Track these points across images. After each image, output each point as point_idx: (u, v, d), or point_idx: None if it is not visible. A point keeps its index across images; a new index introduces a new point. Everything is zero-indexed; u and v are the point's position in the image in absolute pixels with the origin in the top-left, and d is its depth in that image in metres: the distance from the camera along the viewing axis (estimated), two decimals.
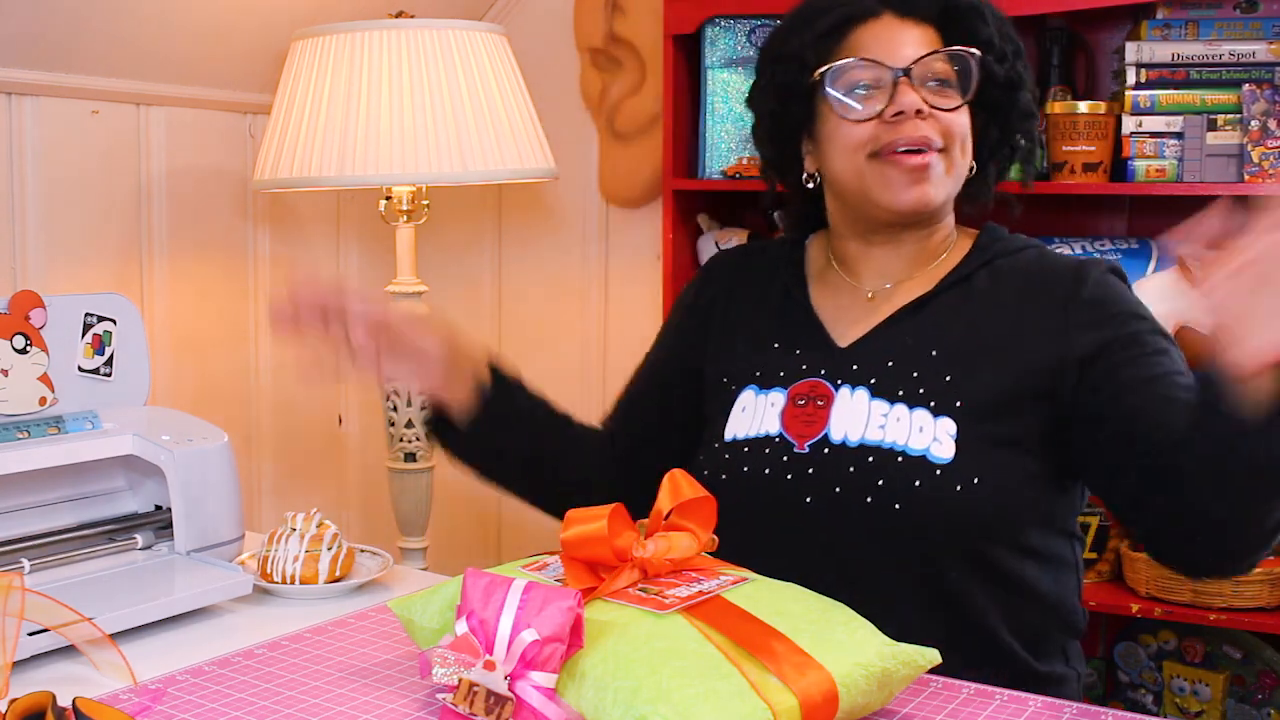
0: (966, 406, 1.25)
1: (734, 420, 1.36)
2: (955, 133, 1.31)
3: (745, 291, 1.46)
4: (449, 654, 0.98)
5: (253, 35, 2.32)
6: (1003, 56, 1.34)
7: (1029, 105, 1.37)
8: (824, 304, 1.40)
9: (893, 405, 1.28)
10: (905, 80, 1.29)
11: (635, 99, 2.66)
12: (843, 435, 1.28)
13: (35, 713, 0.94)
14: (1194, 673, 2.21)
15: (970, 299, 1.33)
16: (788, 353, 1.37)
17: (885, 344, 1.32)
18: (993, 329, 1.30)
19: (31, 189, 2.09)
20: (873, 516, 1.24)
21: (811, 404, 1.31)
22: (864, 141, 1.31)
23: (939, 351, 1.29)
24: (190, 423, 1.45)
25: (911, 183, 1.30)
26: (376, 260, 2.76)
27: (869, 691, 1.00)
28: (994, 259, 1.35)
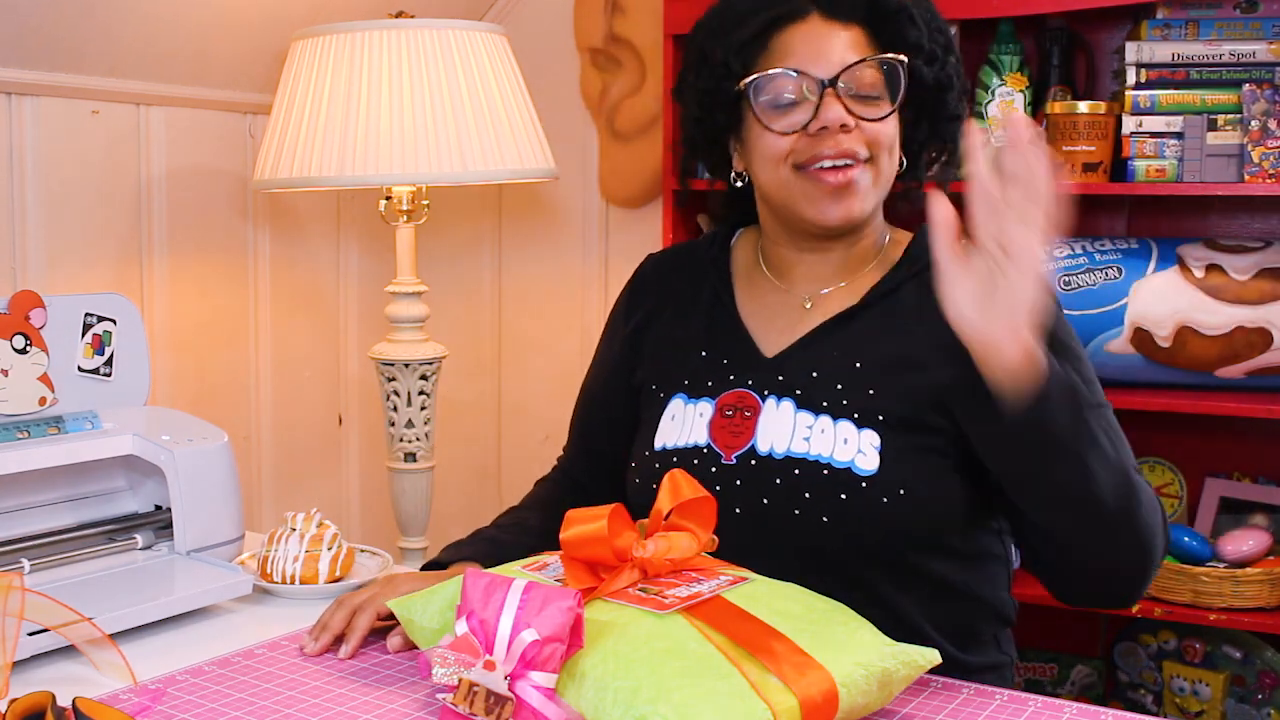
0: (889, 419, 1.26)
1: (663, 428, 1.36)
2: (882, 142, 1.29)
3: (674, 295, 1.45)
4: (449, 654, 0.98)
5: (253, 35, 2.32)
6: (932, 58, 1.32)
7: (957, 107, 1.36)
8: (751, 310, 1.40)
9: (818, 417, 1.28)
10: (831, 92, 1.27)
11: (635, 99, 2.66)
12: (769, 447, 1.28)
13: (35, 713, 0.94)
14: (1194, 673, 2.21)
15: (896, 313, 1.33)
16: (715, 361, 1.37)
17: (811, 355, 1.32)
18: (914, 344, 1.29)
19: (31, 189, 2.09)
20: (800, 529, 1.25)
21: (739, 415, 1.32)
22: (787, 153, 1.30)
23: (863, 364, 1.30)
24: (190, 423, 1.45)
25: (836, 198, 1.29)
26: (376, 260, 2.76)
27: (869, 691, 1.01)
28: (923, 270, 1.32)
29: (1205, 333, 2.07)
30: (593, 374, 1.55)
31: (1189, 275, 2.08)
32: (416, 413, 2.29)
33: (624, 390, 1.47)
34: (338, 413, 2.77)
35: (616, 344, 1.49)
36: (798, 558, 1.24)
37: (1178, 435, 2.29)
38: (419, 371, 2.28)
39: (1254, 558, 2.08)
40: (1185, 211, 2.30)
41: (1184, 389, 2.12)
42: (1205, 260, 2.08)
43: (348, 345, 2.76)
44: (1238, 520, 2.21)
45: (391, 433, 2.32)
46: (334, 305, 2.73)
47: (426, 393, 2.30)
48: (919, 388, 1.26)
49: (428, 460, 2.34)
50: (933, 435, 1.26)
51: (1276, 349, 2.06)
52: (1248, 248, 2.09)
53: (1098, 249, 2.14)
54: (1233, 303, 2.06)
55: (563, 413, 2.95)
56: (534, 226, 2.87)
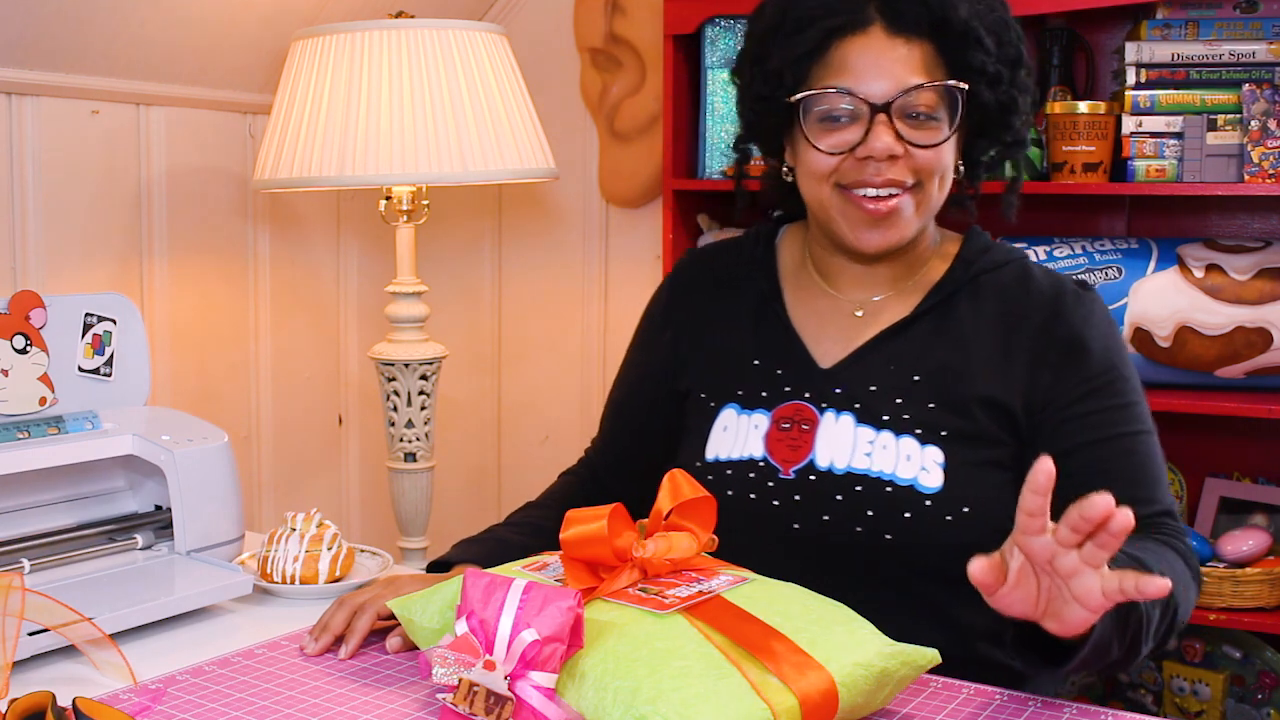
0: (951, 434, 1.24)
1: (715, 439, 1.33)
2: (933, 169, 1.26)
3: (716, 297, 1.42)
4: (449, 654, 0.98)
5: (253, 35, 2.32)
6: (997, 80, 1.27)
7: (1021, 133, 1.32)
8: (802, 316, 1.36)
9: (879, 432, 1.26)
10: (883, 118, 1.23)
11: (635, 99, 2.66)
12: (829, 462, 1.26)
13: (35, 713, 0.94)
14: (1194, 673, 2.21)
15: (951, 321, 1.30)
16: (769, 372, 1.34)
17: (868, 368, 1.30)
18: (972, 355, 1.28)
19: (31, 189, 2.09)
20: (862, 546, 1.23)
21: (796, 428, 1.29)
22: (830, 172, 1.27)
23: (921, 378, 1.28)
24: (190, 423, 1.45)
25: (875, 225, 1.27)
26: (376, 260, 2.76)
27: (869, 691, 1.01)
28: (977, 275, 1.32)
29: (1205, 333, 2.07)
30: (627, 376, 1.51)
31: (1189, 275, 2.08)
32: (416, 413, 2.29)
33: (663, 397, 1.43)
34: (338, 413, 2.77)
35: (656, 348, 1.45)
36: (858, 575, 1.22)
37: (1177, 435, 2.29)
38: (419, 371, 2.28)
39: (1254, 558, 2.08)
40: (1185, 211, 2.30)
41: (1184, 389, 2.12)
42: (1205, 260, 2.08)
43: (348, 345, 2.77)
44: (1237, 520, 2.21)
45: (391, 433, 2.32)
46: (334, 305, 2.73)
47: (426, 393, 2.30)
48: (977, 399, 1.25)
49: (428, 460, 2.34)
50: (994, 448, 1.24)
51: (1276, 349, 2.05)
52: (1247, 248, 2.09)
53: (1097, 249, 2.14)
54: (1232, 303, 2.06)
55: (563, 413, 2.97)
56: (534, 226, 2.87)
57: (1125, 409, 1.26)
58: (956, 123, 1.25)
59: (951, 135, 1.25)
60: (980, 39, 1.25)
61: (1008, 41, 1.29)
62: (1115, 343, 1.30)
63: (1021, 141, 1.33)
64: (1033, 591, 0.99)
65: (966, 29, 1.25)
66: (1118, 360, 1.28)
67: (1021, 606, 1.00)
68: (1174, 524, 1.24)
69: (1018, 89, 1.30)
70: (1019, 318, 1.29)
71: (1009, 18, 1.30)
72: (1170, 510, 1.25)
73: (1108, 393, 1.26)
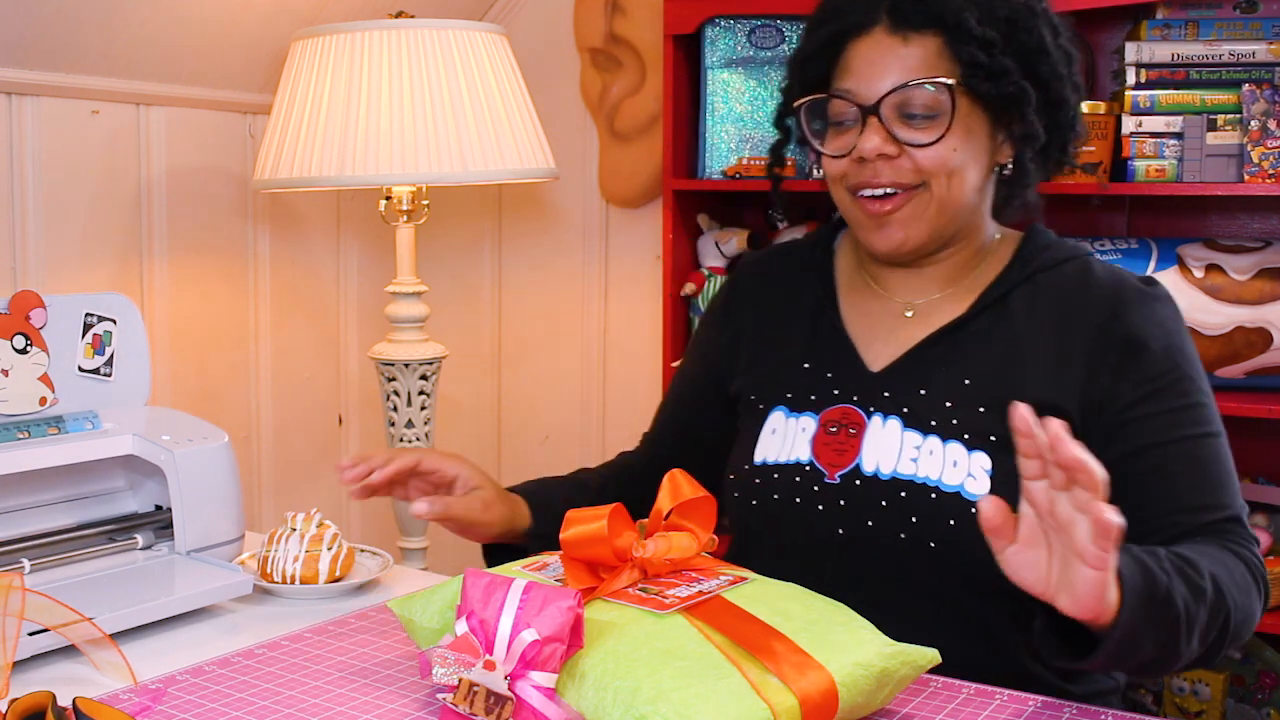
0: (1000, 440, 1.21)
1: (764, 442, 1.32)
2: (935, 168, 1.24)
3: (774, 300, 1.41)
4: (449, 654, 0.98)
5: (253, 35, 2.32)
6: (1000, 73, 1.23)
7: (1032, 127, 1.26)
8: (855, 319, 1.35)
9: (926, 437, 1.24)
10: (874, 120, 1.23)
11: (635, 99, 2.66)
12: (875, 467, 1.25)
13: (35, 713, 0.94)
14: (1194, 672, 2.21)
15: (1006, 320, 1.27)
16: (818, 374, 1.32)
17: (918, 371, 1.28)
18: (1027, 356, 1.25)
19: (31, 189, 2.09)
20: (906, 553, 1.21)
21: (843, 431, 1.28)
22: (841, 175, 1.27)
23: (972, 381, 1.25)
24: (190, 423, 1.45)
25: (879, 227, 1.26)
26: (376, 260, 2.76)
27: (869, 691, 1.00)
28: (1035, 273, 1.29)
29: (1205, 333, 2.07)
30: (682, 376, 1.50)
31: (1189, 275, 2.08)
32: (416, 413, 2.29)
33: (715, 399, 1.42)
34: (338, 413, 2.77)
35: (711, 350, 1.45)
36: (901, 583, 1.21)
37: None
38: (419, 371, 2.28)
39: None
40: (1185, 211, 2.30)
41: None
42: (1205, 260, 2.08)
43: (348, 345, 2.77)
44: None
45: (391, 433, 2.32)
46: (334, 305, 2.73)
47: (426, 393, 2.30)
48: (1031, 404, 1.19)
49: None
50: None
51: (1276, 349, 2.05)
52: (1247, 248, 2.09)
53: (1097, 249, 2.14)
54: (1232, 303, 2.06)
55: (563, 413, 2.97)
56: (534, 226, 2.87)
57: (1189, 410, 1.22)
58: (949, 123, 1.23)
59: (946, 133, 1.23)
60: (971, 29, 1.22)
61: (1023, 31, 1.24)
62: (1179, 341, 1.25)
63: (1032, 135, 1.27)
64: (1043, 557, 0.97)
65: (959, 19, 1.22)
66: (1181, 360, 1.24)
67: (1032, 572, 0.98)
68: (1241, 530, 1.20)
69: (1036, 82, 1.25)
70: (1077, 317, 1.25)
71: (1036, 6, 1.26)
72: (1238, 516, 1.21)
73: (1171, 393, 1.22)
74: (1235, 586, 1.13)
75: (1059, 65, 1.27)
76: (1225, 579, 1.12)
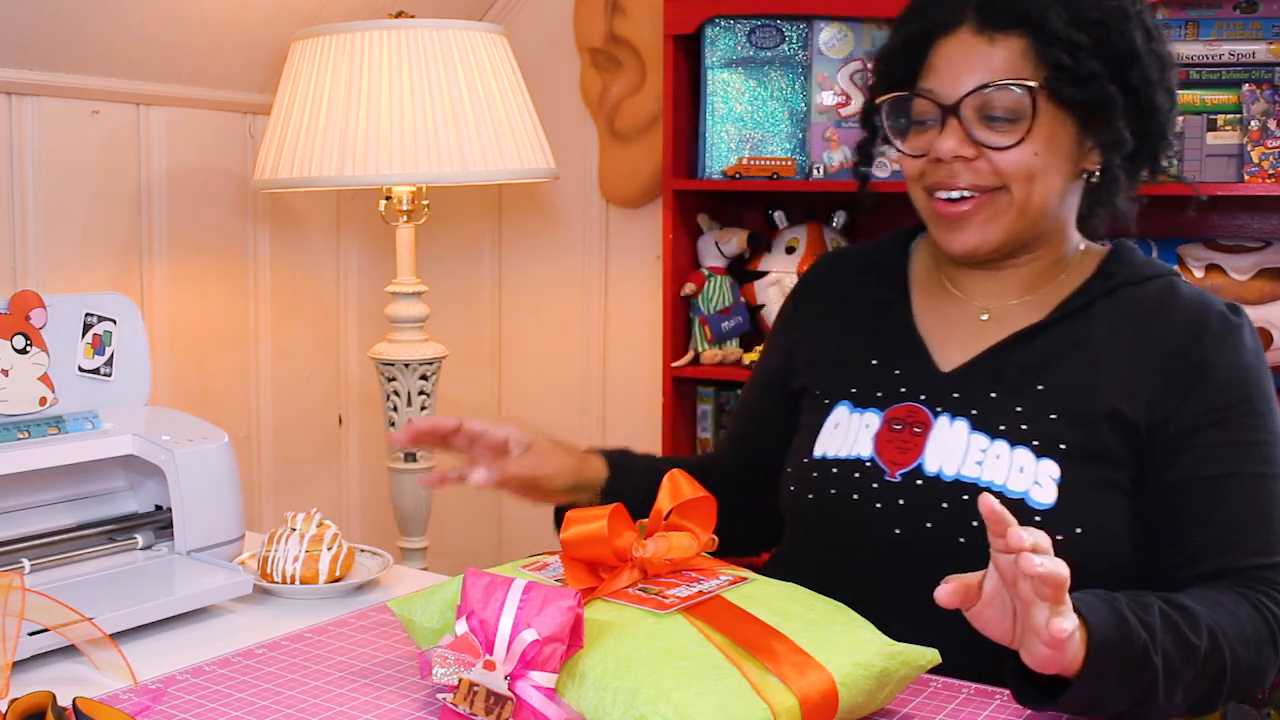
0: (1070, 448, 1.18)
1: (824, 437, 1.30)
2: (1014, 172, 1.21)
3: (841, 299, 1.39)
4: (449, 654, 0.98)
5: (253, 35, 2.32)
6: (1087, 77, 1.19)
7: (1119, 134, 1.22)
8: (928, 320, 1.33)
9: (993, 440, 1.21)
10: (954, 120, 1.21)
11: (635, 99, 2.65)
12: (938, 467, 1.22)
13: (35, 713, 0.94)
14: None
15: (1085, 331, 1.25)
16: (886, 371, 1.30)
17: (990, 373, 1.25)
18: (1104, 368, 1.22)
19: (31, 189, 2.09)
20: (964, 557, 1.15)
21: (908, 430, 1.25)
22: (919, 174, 1.26)
23: (1046, 387, 1.22)
24: (190, 423, 1.45)
25: (953, 228, 1.24)
26: (376, 260, 2.76)
27: (869, 691, 1.01)
28: (1118, 287, 1.26)
29: None
30: (754, 379, 1.49)
31: (1189, 275, 2.08)
32: (416, 413, 2.29)
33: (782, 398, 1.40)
34: (338, 413, 2.77)
35: (779, 349, 1.43)
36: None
37: None
38: (419, 371, 2.28)
39: None
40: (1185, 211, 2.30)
41: None
42: (1205, 260, 2.08)
43: (348, 345, 2.76)
44: None
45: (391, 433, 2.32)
46: (334, 305, 2.73)
47: (426, 393, 2.30)
48: (1104, 413, 1.19)
49: (428, 460, 2.34)
50: (1114, 469, 1.19)
51: (1277, 349, 2.05)
52: (1248, 248, 2.09)
53: None
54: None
55: (562, 413, 2.97)
56: (534, 226, 2.87)
57: (1252, 446, 1.19)
58: (1029, 126, 1.20)
59: (1026, 136, 1.20)
60: (1058, 31, 1.19)
61: (1115, 34, 1.21)
62: (1256, 376, 1.22)
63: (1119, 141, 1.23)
64: (1008, 612, 0.97)
65: (1044, 20, 1.19)
66: (1255, 393, 1.21)
67: (997, 627, 0.98)
68: (1274, 577, 1.16)
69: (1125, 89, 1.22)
70: (1157, 334, 1.23)
71: (1130, 8, 1.23)
72: (1276, 563, 1.16)
73: (1235, 426, 1.19)
74: (1241, 641, 1.10)
75: (1151, 71, 1.23)
76: (1230, 634, 1.09)
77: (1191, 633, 1.06)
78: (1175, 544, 1.18)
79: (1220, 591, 1.14)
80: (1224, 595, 1.13)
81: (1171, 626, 1.05)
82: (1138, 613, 1.03)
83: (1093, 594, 1.02)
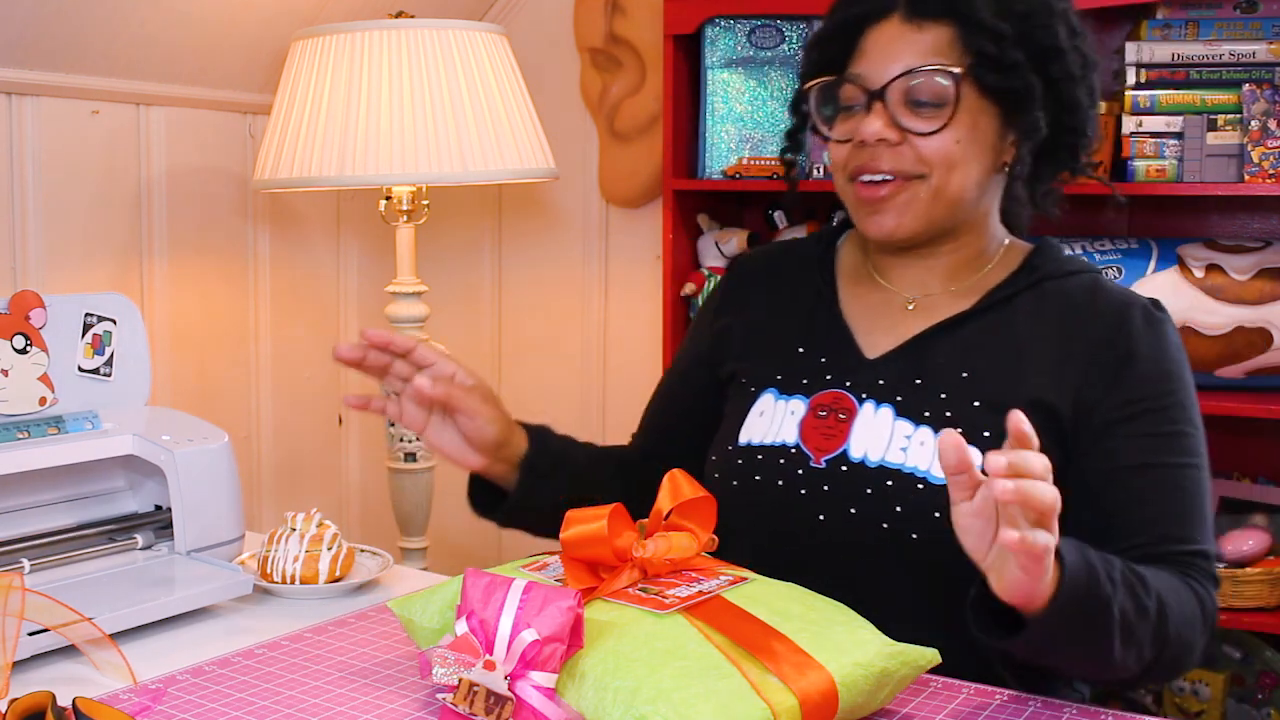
0: (994, 437, 1.19)
1: (750, 424, 1.31)
2: (936, 158, 1.22)
3: (771, 291, 1.40)
4: (449, 654, 0.98)
5: (253, 35, 2.32)
6: (1008, 65, 1.21)
7: (1035, 122, 1.24)
8: (854, 308, 1.34)
9: (917, 427, 1.22)
10: (879, 104, 1.22)
11: (635, 99, 2.66)
12: (862, 453, 1.23)
13: (35, 713, 0.94)
14: (1193, 672, 2.21)
15: (1009, 321, 1.27)
16: (812, 359, 1.31)
17: (915, 360, 1.26)
18: (1028, 358, 1.24)
19: (31, 189, 2.09)
20: (888, 542, 1.20)
21: (833, 416, 1.26)
22: (846, 160, 1.27)
23: (970, 375, 1.24)
24: (190, 423, 1.45)
25: (875, 211, 1.25)
26: (376, 260, 2.76)
27: (869, 691, 1.01)
28: (1042, 280, 1.28)
29: (1205, 333, 2.07)
30: (675, 365, 1.49)
31: (1189, 275, 2.08)
32: None
33: (707, 384, 1.41)
34: (338, 413, 2.77)
35: (704, 337, 1.44)
36: (879, 572, 1.20)
37: None
38: None
39: (1254, 558, 2.08)
40: (1185, 211, 2.30)
41: None
42: (1205, 260, 2.08)
43: None
44: (1238, 520, 2.20)
45: (391, 433, 2.32)
46: (334, 305, 2.73)
47: None
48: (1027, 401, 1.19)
49: (428, 460, 2.34)
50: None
51: (1276, 349, 2.06)
52: (1248, 248, 2.09)
53: (1098, 249, 2.15)
54: (1233, 303, 2.06)
55: (563, 413, 2.97)
56: (534, 226, 2.87)
57: (1175, 437, 1.21)
58: (955, 110, 1.21)
59: (949, 122, 1.21)
60: (983, 19, 1.21)
61: (1039, 28, 1.23)
62: (1178, 369, 1.24)
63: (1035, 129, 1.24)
64: (989, 530, 0.97)
65: (973, 12, 1.22)
66: (1178, 386, 1.23)
67: (975, 540, 0.98)
68: (1204, 566, 1.18)
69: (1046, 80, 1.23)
70: (1081, 326, 1.25)
71: (1055, 5, 1.25)
72: (1205, 553, 1.19)
73: (1159, 417, 1.21)
74: (1181, 617, 1.12)
75: (1073, 66, 1.25)
76: (1173, 606, 1.11)
77: (1145, 595, 1.08)
78: (1100, 533, 1.19)
79: (1163, 570, 1.15)
80: (1165, 573, 1.15)
81: (1130, 586, 1.07)
82: (1103, 564, 1.04)
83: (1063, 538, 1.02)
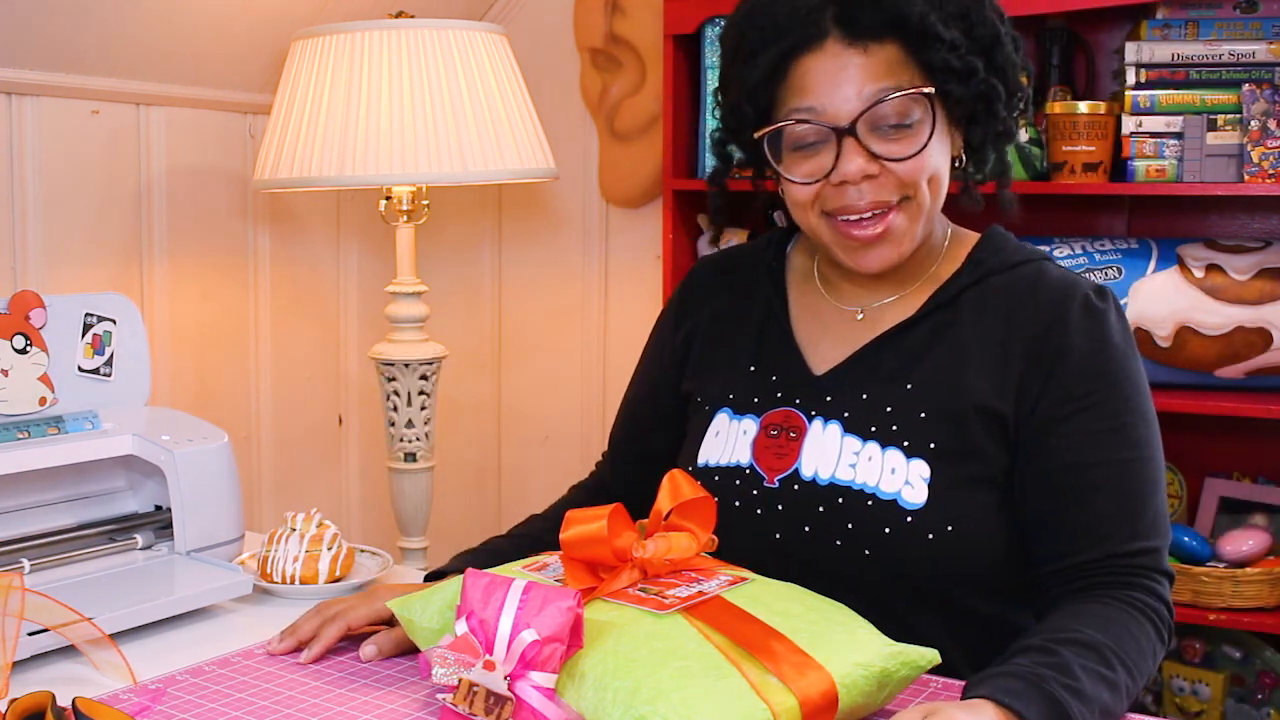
0: (940, 447, 1.19)
1: (707, 444, 1.31)
2: (918, 180, 1.19)
3: (725, 302, 1.38)
4: (449, 654, 0.98)
5: (253, 35, 2.32)
6: (969, 73, 1.19)
7: (1007, 124, 1.24)
8: (804, 322, 1.32)
9: (865, 443, 1.21)
10: (851, 141, 1.17)
11: (635, 99, 2.66)
12: (813, 472, 1.22)
13: (35, 713, 0.95)
14: (1193, 673, 2.21)
15: (954, 323, 1.24)
16: (763, 377, 1.30)
17: (861, 374, 1.25)
18: (971, 361, 1.22)
19: (31, 189, 2.09)
20: (841, 559, 1.20)
21: (784, 435, 1.26)
22: (813, 199, 1.22)
23: (914, 385, 1.22)
24: (190, 423, 1.45)
25: (868, 248, 1.22)
26: (376, 260, 2.76)
27: (869, 691, 1.01)
28: (987, 275, 1.26)
29: (1205, 333, 2.07)
30: (639, 382, 1.47)
31: (1189, 275, 2.08)
32: (416, 413, 2.29)
33: (672, 400, 1.40)
34: (338, 413, 2.77)
35: (666, 353, 1.42)
36: (836, 588, 1.17)
37: (1177, 435, 2.29)
38: (419, 371, 2.28)
39: (1253, 558, 2.08)
40: (1185, 211, 2.30)
41: (1184, 389, 2.12)
42: (1205, 260, 2.08)
43: (348, 345, 2.77)
44: (1237, 520, 2.21)
45: (391, 433, 2.32)
46: (334, 305, 2.73)
47: (426, 393, 2.30)
48: (972, 407, 1.19)
49: (428, 460, 2.34)
50: (984, 463, 1.19)
51: (1276, 349, 2.06)
52: (1247, 248, 2.09)
53: (1098, 249, 2.14)
54: (1232, 303, 2.06)
55: (563, 413, 2.97)
56: (534, 226, 2.87)
57: (1114, 433, 1.18)
58: (933, 127, 1.19)
59: (928, 142, 1.18)
60: (939, 34, 1.17)
61: (978, 24, 1.20)
62: (1118, 356, 1.21)
63: (1006, 133, 1.25)
64: None
65: (924, 25, 1.17)
66: (1119, 377, 1.20)
67: None
68: (1153, 564, 1.17)
69: (997, 74, 1.22)
70: (1021, 321, 1.22)
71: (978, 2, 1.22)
72: (1152, 547, 1.17)
73: (1096, 414, 1.18)
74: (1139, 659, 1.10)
75: (1011, 52, 1.23)
76: (1133, 656, 1.09)
77: (1109, 670, 1.05)
78: (1050, 535, 1.19)
79: (1106, 605, 1.13)
80: (1112, 610, 1.12)
81: (1094, 676, 1.04)
82: (1063, 680, 1.01)
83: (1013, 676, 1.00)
